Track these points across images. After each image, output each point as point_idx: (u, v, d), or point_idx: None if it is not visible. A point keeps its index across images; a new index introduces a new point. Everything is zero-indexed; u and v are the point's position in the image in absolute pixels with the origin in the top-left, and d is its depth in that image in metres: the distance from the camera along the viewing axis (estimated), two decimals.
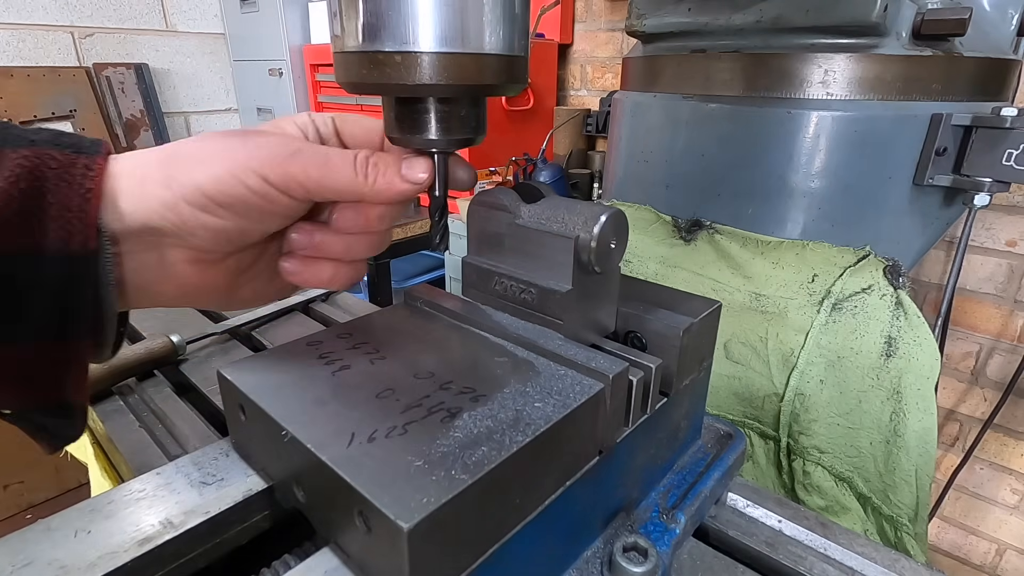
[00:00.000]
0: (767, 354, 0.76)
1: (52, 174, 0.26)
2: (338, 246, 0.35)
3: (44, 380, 0.29)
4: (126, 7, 2.04)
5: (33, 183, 0.26)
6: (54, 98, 1.90)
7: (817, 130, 0.75)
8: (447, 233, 0.37)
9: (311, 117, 0.36)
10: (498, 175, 1.78)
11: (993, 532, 1.57)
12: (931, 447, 0.71)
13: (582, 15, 1.93)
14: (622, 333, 0.39)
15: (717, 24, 0.80)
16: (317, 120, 0.36)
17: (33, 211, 0.26)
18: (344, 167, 0.31)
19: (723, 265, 0.83)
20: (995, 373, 1.43)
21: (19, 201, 0.25)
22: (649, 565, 0.33)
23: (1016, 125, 0.70)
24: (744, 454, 0.46)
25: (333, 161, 0.31)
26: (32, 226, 0.26)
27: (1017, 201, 1.31)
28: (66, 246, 0.26)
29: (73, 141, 0.28)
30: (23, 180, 0.25)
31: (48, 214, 0.26)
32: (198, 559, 0.29)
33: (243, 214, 0.30)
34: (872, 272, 0.75)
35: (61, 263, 0.26)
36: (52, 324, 0.28)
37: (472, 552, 0.26)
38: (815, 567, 0.40)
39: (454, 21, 0.29)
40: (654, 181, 0.93)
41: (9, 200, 0.25)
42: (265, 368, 0.33)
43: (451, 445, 0.26)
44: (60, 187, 0.26)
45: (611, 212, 0.34)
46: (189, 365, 0.68)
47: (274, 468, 0.31)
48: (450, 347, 0.36)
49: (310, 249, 0.34)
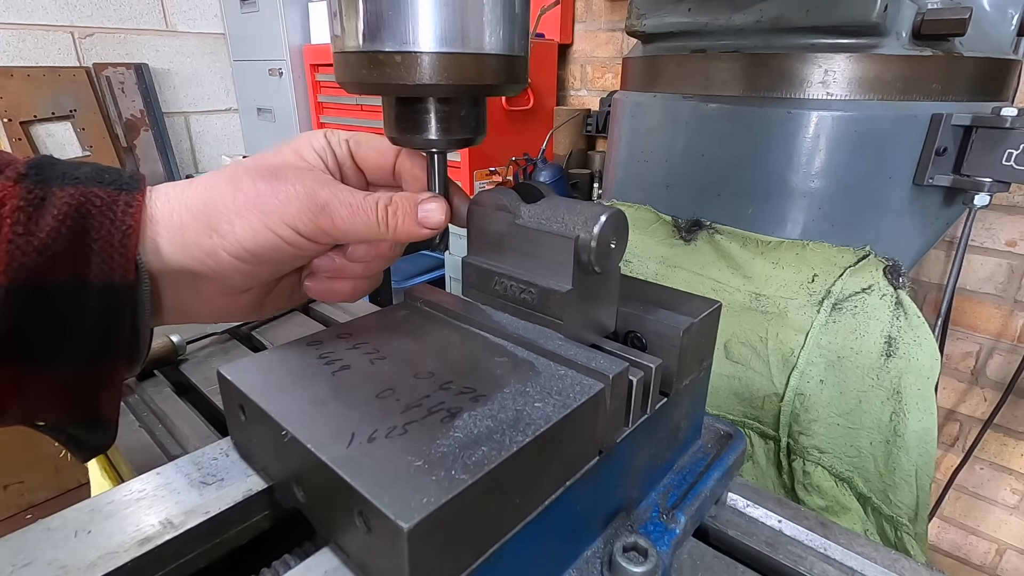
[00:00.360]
0: (767, 354, 0.76)
1: (96, 211, 0.28)
2: (357, 268, 0.37)
3: (81, 397, 0.31)
4: (126, 7, 2.04)
5: (79, 220, 0.28)
6: (54, 98, 1.90)
7: (817, 130, 0.75)
8: (447, 233, 0.37)
9: (327, 139, 0.37)
10: (498, 175, 1.78)
11: (993, 532, 1.57)
12: (931, 447, 0.71)
13: (582, 15, 1.93)
14: (622, 333, 0.39)
15: (717, 24, 0.80)
16: (333, 142, 0.37)
17: (79, 246, 0.28)
18: (367, 217, 0.33)
19: (723, 265, 0.83)
20: (995, 373, 1.43)
21: (67, 238, 0.27)
22: (649, 565, 0.33)
23: (1016, 125, 0.70)
24: (744, 454, 0.46)
25: (358, 214, 0.33)
26: (78, 259, 0.28)
27: (1017, 201, 1.31)
28: (108, 278, 0.29)
29: (114, 178, 0.30)
30: (70, 218, 0.28)
31: (92, 249, 0.28)
32: (198, 559, 0.29)
33: (275, 261, 0.33)
34: (872, 272, 0.75)
35: (103, 293, 0.29)
36: (93, 348, 0.30)
37: (472, 552, 0.26)
38: (815, 567, 0.40)
39: (454, 21, 0.29)
40: (654, 181, 0.93)
41: (58, 236, 0.27)
42: (265, 368, 0.33)
43: (451, 445, 0.26)
44: (103, 224, 0.29)
45: (611, 212, 0.34)
46: (189, 365, 0.68)
47: (274, 468, 0.31)
48: (450, 347, 0.36)
49: (331, 271, 0.37)
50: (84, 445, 0.34)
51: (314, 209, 0.32)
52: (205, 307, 0.35)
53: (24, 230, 0.26)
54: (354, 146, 0.38)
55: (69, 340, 0.29)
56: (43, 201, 0.27)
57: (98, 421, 0.33)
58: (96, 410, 0.32)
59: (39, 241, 0.27)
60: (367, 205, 0.33)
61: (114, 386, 0.32)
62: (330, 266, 0.37)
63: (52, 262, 0.27)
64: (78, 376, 0.30)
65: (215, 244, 0.31)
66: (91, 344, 0.29)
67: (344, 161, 0.38)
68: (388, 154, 0.38)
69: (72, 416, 0.32)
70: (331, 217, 0.32)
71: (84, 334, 0.29)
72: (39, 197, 0.27)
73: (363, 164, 0.38)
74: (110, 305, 0.29)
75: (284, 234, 0.32)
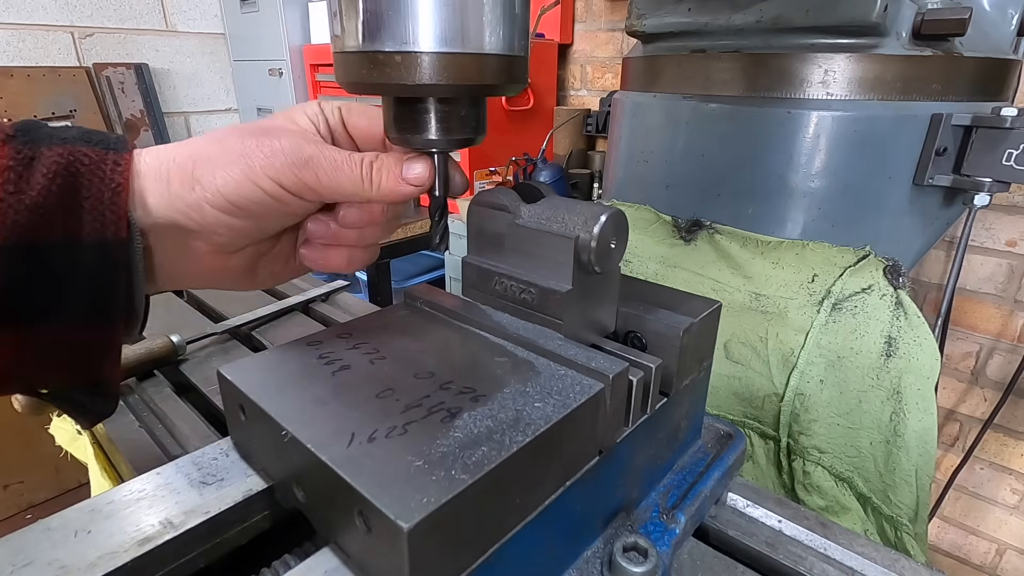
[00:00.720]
0: (767, 354, 0.76)
1: (85, 169, 0.29)
2: (351, 235, 0.37)
3: (82, 359, 0.32)
4: (126, 7, 2.04)
5: (68, 179, 0.28)
6: (54, 98, 1.90)
7: (817, 130, 0.75)
8: (447, 233, 0.37)
9: (321, 107, 0.37)
10: (498, 175, 1.78)
11: (993, 532, 1.57)
12: (931, 447, 0.71)
13: (582, 15, 1.93)
14: (622, 333, 0.39)
15: (717, 24, 0.80)
16: (326, 110, 0.37)
17: (70, 204, 0.28)
18: (351, 174, 0.33)
19: (723, 265, 0.83)
20: (995, 373, 1.43)
21: (58, 196, 0.28)
22: (649, 565, 0.33)
23: (1016, 125, 0.70)
24: (744, 454, 0.46)
25: (341, 169, 0.33)
26: (69, 217, 0.28)
27: (1017, 201, 1.31)
28: (101, 235, 0.29)
29: (101, 138, 0.30)
30: (60, 176, 0.28)
31: (83, 207, 0.28)
32: (198, 559, 0.29)
33: (260, 215, 0.33)
34: (872, 272, 0.75)
35: (96, 250, 0.29)
36: (89, 306, 0.30)
37: (472, 552, 0.26)
38: (815, 567, 0.40)
39: (454, 21, 0.29)
40: (654, 181, 0.93)
41: (49, 194, 0.27)
42: (265, 368, 0.33)
43: (451, 445, 0.26)
44: (93, 182, 0.29)
45: (611, 212, 0.34)
46: (189, 365, 0.68)
47: (274, 468, 0.31)
48: (450, 347, 0.36)
49: (326, 238, 0.37)
50: (88, 411, 0.35)
51: (298, 163, 0.32)
52: (196, 268, 0.35)
53: (15, 188, 0.27)
54: (346, 114, 0.38)
55: (65, 299, 0.29)
56: (32, 161, 0.28)
57: (100, 386, 0.34)
58: (97, 374, 0.33)
59: (30, 200, 0.27)
60: (352, 161, 0.33)
61: (114, 349, 0.32)
62: (324, 232, 0.37)
63: (44, 220, 0.27)
64: (76, 337, 0.30)
65: (199, 196, 0.31)
66: (87, 304, 0.30)
67: (336, 128, 0.38)
68: (379, 121, 0.38)
69: (73, 380, 0.32)
70: (314, 171, 0.32)
71: (80, 293, 0.29)
72: (28, 157, 0.28)
73: (354, 131, 0.38)
74: (104, 263, 0.29)
75: (266, 187, 0.32)
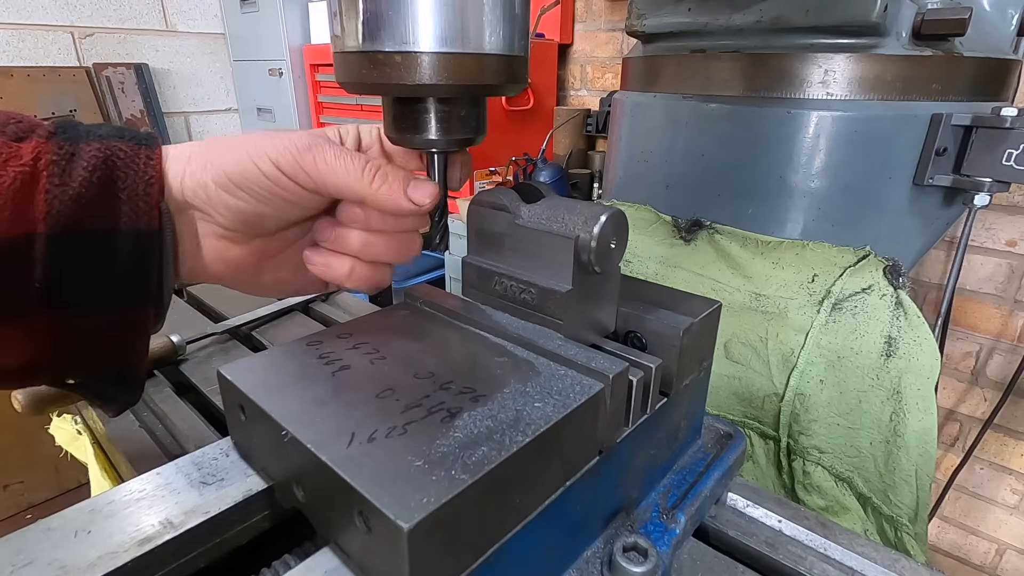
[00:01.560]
0: (767, 354, 0.76)
1: (121, 163, 0.31)
2: (355, 243, 0.37)
3: (114, 343, 0.33)
4: (126, 7, 2.04)
5: (107, 172, 0.30)
6: (54, 98, 1.90)
7: (817, 130, 0.75)
8: (447, 233, 0.37)
9: (358, 128, 0.38)
10: (498, 175, 1.78)
11: (993, 532, 1.57)
12: (931, 447, 0.71)
13: (582, 15, 1.93)
14: (622, 333, 0.39)
15: (717, 24, 0.80)
16: (363, 130, 0.38)
17: (109, 195, 0.30)
18: (352, 167, 0.33)
19: (723, 265, 0.83)
20: (995, 373, 1.43)
21: (98, 187, 0.30)
22: (649, 565, 0.33)
23: (1016, 125, 0.70)
24: (744, 454, 0.46)
25: (343, 159, 0.33)
26: (108, 208, 0.30)
27: (1017, 201, 1.31)
28: (136, 225, 0.31)
29: (133, 134, 0.32)
30: (99, 169, 0.30)
31: (120, 198, 0.30)
32: (198, 559, 0.29)
33: (258, 197, 0.34)
34: (872, 272, 0.75)
35: (132, 239, 0.31)
36: (124, 292, 0.32)
37: (472, 552, 0.26)
38: (815, 567, 0.40)
39: (454, 21, 0.29)
40: (654, 181, 0.93)
41: (90, 186, 0.29)
42: (265, 368, 0.33)
43: (451, 445, 0.26)
44: (128, 175, 0.31)
45: (611, 212, 0.34)
46: (189, 365, 0.68)
47: (274, 468, 0.31)
48: (450, 347, 0.36)
49: (330, 241, 0.37)
50: (113, 400, 0.36)
51: (300, 147, 0.33)
52: (205, 256, 0.36)
53: (60, 181, 0.29)
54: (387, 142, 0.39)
55: (103, 285, 0.31)
56: (73, 156, 0.29)
57: (126, 373, 0.35)
58: (125, 360, 0.34)
59: (73, 191, 0.29)
60: (354, 156, 0.34)
61: (143, 334, 0.34)
62: (329, 234, 0.37)
63: (86, 210, 0.29)
64: (111, 321, 0.32)
65: (206, 176, 0.33)
66: (122, 289, 0.32)
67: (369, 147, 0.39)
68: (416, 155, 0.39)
69: (105, 365, 0.34)
70: (314, 157, 0.33)
71: (116, 279, 0.31)
72: (69, 152, 0.30)
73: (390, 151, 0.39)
74: (139, 250, 0.31)
75: (264, 167, 0.32)
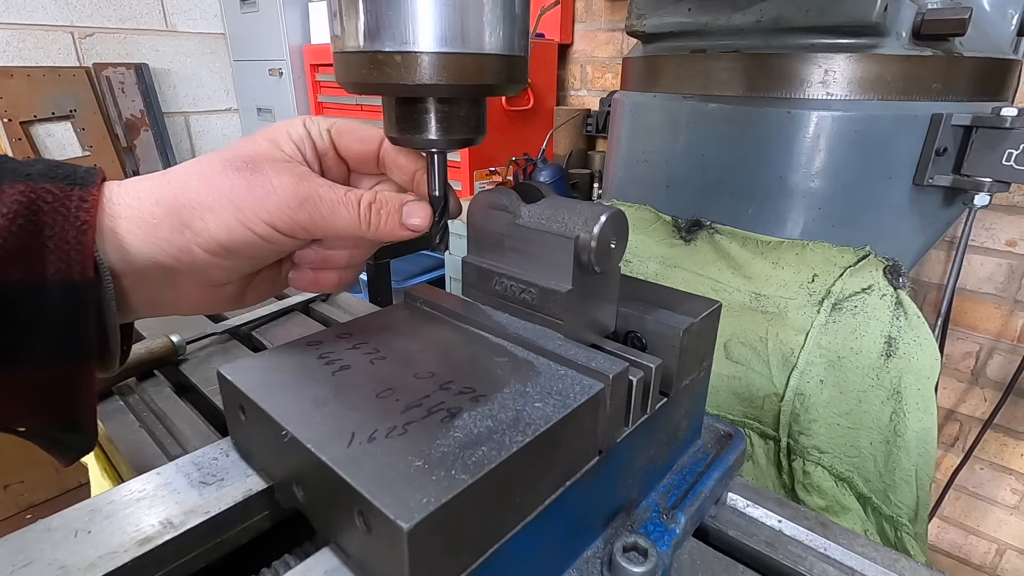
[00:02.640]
0: (767, 354, 0.76)
1: (48, 207, 0.27)
2: (341, 259, 0.37)
3: (55, 400, 0.30)
4: (126, 7, 2.04)
5: (30, 218, 0.27)
6: (54, 98, 1.90)
7: (817, 130, 0.75)
8: (447, 233, 0.37)
9: (307, 129, 0.36)
10: (498, 175, 1.78)
11: (993, 532, 1.57)
12: (931, 447, 0.71)
13: (582, 15, 1.93)
14: (622, 333, 0.39)
15: (717, 24, 0.80)
16: (313, 132, 0.36)
17: (32, 245, 0.27)
18: (349, 214, 0.32)
19: (723, 265, 0.83)
20: (995, 373, 1.43)
21: (18, 236, 0.26)
22: (649, 565, 0.33)
23: (1016, 125, 0.70)
24: (744, 454, 0.46)
25: (338, 210, 0.32)
26: (32, 258, 0.27)
27: (1017, 201, 1.31)
28: (67, 276, 0.27)
29: (68, 172, 0.29)
30: (20, 216, 0.26)
31: (47, 247, 0.27)
32: (198, 559, 0.29)
33: (252, 256, 0.33)
34: (872, 272, 0.75)
35: (62, 292, 0.27)
36: (59, 349, 0.29)
37: (472, 552, 0.26)
38: (815, 567, 0.40)
39: (454, 21, 0.29)
40: (654, 181, 0.93)
41: (8, 236, 0.26)
42: (265, 368, 0.33)
43: (451, 445, 0.26)
44: (57, 220, 0.27)
45: (611, 212, 0.34)
46: (189, 365, 0.68)
47: (274, 468, 0.31)
48: (450, 347, 0.36)
49: (316, 263, 0.36)
50: (67, 448, 0.34)
51: (293, 205, 0.31)
52: (184, 300, 0.34)
53: None
54: (336, 135, 0.36)
55: (33, 340, 0.28)
56: None
57: (76, 424, 0.32)
58: (72, 412, 0.31)
59: None
60: (349, 202, 0.32)
61: (88, 387, 0.31)
62: (314, 258, 0.36)
63: (5, 262, 0.26)
64: (47, 377, 0.29)
65: (188, 240, 0.30)
66: (56, 344, 0.28)
67: (325, 152, 0.36)
68: (371, 142, 0.37)
69: (49, 420, 0.31)
70: (310, 213, 0.31)
71: (48, 333, 0.28)
72: None
73: (345, 154, 0.37)
74: (72, 303, 0.28)
75: (261, 231, 0.31)
